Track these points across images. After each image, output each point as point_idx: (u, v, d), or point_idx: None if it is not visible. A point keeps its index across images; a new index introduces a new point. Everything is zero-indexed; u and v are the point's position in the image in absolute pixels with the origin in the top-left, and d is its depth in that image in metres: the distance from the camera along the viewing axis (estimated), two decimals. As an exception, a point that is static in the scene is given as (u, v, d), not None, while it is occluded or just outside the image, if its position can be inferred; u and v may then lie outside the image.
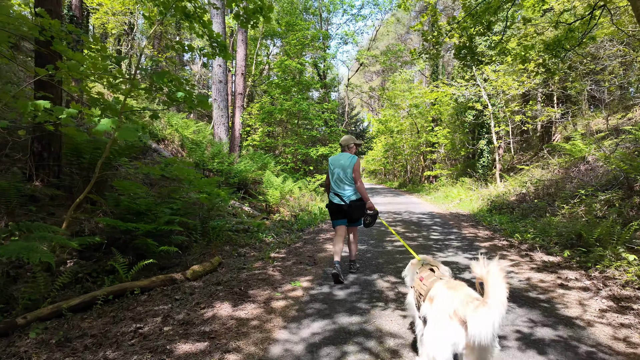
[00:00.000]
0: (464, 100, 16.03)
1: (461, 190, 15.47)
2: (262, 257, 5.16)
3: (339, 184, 4.21)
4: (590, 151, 9.30)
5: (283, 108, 15.53)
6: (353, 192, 4.18)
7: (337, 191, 4.23)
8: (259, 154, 13.51)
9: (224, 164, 9.72)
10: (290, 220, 8.81)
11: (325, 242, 6.40)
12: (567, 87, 12.99)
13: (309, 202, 11.79)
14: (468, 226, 8.14)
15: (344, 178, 4.17)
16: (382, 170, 39.30)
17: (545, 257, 4.91)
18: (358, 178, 4.15)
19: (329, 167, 4.34)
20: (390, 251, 5.50)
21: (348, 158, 4.21)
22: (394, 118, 25.93)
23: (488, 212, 10.20)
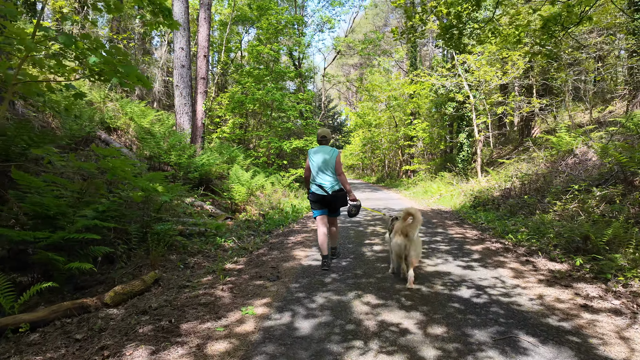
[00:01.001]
0: (444, 92, 15.43)
1: (441, 185, 14.91)
2: (214, 270, 4.19)
3: (321, 176, 4.34)
4: (578, 144, 8.81)
5: (255, 98, 14.43)
6: (335, 183, 4.34)
7: (319, 182, 4.34)
8: (226, 146, 12.40)
9: (182, 156, 8.61)
10: (258, 220, 7.84)
11: (295, 246, 5.49)
12: (549, 79, 12.57)
13: (281, 199, 10.83)
14: (453, 225, 7.44)
15: (327, 170, 4.32)
16: (360, 164, 38.70)
17: (550, 264, 4.19)
18: (341, 170, 4.35)
19: (310, 159, 4.45)
20: (369, 259, 4.65)
21: (330, 150, 4.39)
22: (372, 111, 25.21)
23: (472, 208, 9.58)
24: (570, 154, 8.99)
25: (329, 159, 4.32)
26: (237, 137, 15.59)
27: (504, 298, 3.14)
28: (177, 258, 4.70)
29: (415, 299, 3.18)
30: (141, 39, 18.82)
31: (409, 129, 20.68)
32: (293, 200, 11.58)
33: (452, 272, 3.97)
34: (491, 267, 4.12)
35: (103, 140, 9.31)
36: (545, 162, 9.47)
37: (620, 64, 10.58)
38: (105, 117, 10.13)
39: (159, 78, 18.14)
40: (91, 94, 11.03)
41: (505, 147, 19.05)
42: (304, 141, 14.52)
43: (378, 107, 26.25)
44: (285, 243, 5.76)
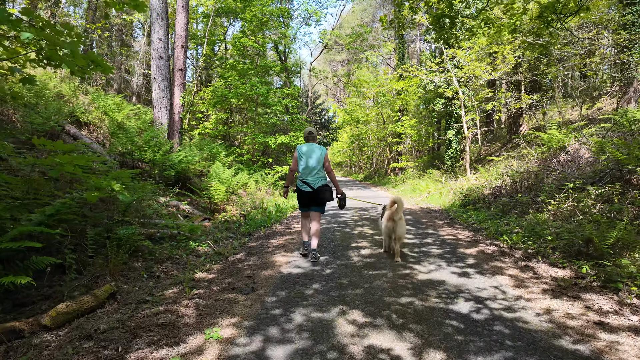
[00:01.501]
0: (432, 88, 15.14)
1: (429, 183, 14.65)
2: (181, 280, 3.71)
3: (309, 172, 4.50)
4: (570, 141, 8.58)
5: (238, 92, 13.87)
6: (321, 178, 4.54)
7: (305, 179, 4.50)
8: (208, 143, 11.84)
9: (157, 153, 8.05)
10: (238, 221, 7.36)
11: (276, 251, 5.05)
12: (538, 75, 12.38)
13: (265, 198, 10.35)
14: (443, 225, 7.10)
15: (315, 166, 4.49)
16: (348, 162, 38.38)
17: (551, 270, 3.86)
18: (330, 167, 4.62)
19: (299, 156, 4.56)
20: (356, 265, 4.24)
21: (319, 148, 4.56)
22: (360, 108, 24.85)
23: (462, 207, 9.29)
24: (562, 151, 8.77)
25: (317, 156, 4.52)
26: (220, 133, 15.00)
27: (508, 313, 2.77)
28: (143, 266, 4.21)
29: (408, 315, 2.78)
30: (120, 30, 17.99)
31: (397, 125, 20.40)
32: (277, 199, 11.12)
33: (446, 280, 3.59)
34: (489, 274, 3.76)
35: (72, 135, 8.68)
36: (536, 160, 9.24)
37: (611, 59, 10.42)
38: (75, 110, 9.48)
39: (138, 71, 17.37)
40: (61, 86, 10.35)
41: (493, 145, 18.94)
42: (290, 137, 14.04)
43: (366, 104, 25.92)
44: (265, 247, 5.31)
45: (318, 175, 4.50)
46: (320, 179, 4.50)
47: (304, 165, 4.50)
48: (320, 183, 4.49)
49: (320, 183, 4.49)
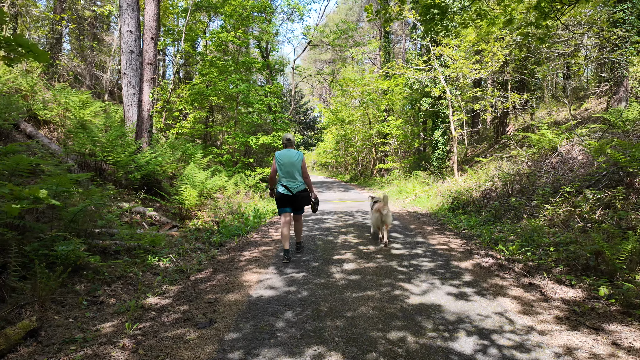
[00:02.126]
0: (419, 87, 14.75)
1: (416, 185, 14.25)
2: (126, 309, 3.08)
3: (288, 177, 4.73)
4: (562, 141, 8.25)
5: (217, 89, 13.16)
6: (300, 184, 4.78)
7: (285, 183, 4.73)
8: (182, 142, 11.10)
9: (122, 154, 7.33)
10: (211, 229, 6.71)
11: (248, 266, 4.44)
12: (526, 74, 12.11)
13: (242, 202, 9.70)
14: (433, 231, 6.62)
15: (294, 172, 4.73)
16: (334, 162, 37.88)
17: (559, 288, 3.38)
18: (306, 172, 4.84)
19: (278, 162, 4.79)
20: (338, 284, 3.67)
21: (296, 154, 4.79)
22: (345, 108, 24.37)
23: (450, 210, 8.87)
24: (554, 152, 8.43)
25: (295, 162, 4.74)
26: (197, 132, 14.23)
27: (521, 354, 2.25)
28: (85, 289, 3.54)
29: (399, 358, 2.23)
30: (91, 23, 16.97)
31: (383, 125, 19.99)
32: (258, 203, 10.49)
33: (443, 305, 3.07)
34: (490, 296, 3.26)
35: (27, 133, 7.88)
36: (527, 161, 8.89)
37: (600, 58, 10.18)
38: (32, 106, 8.65)
39: (111, 67, 16.42)
40: (19, 81, 9.47)
41: (479, 146, 18.72)
42: (272, 137, 13.40)
43: (351, 104, 25.47)
44: (236, 261, 4.69)
45: (296, 179, 4.77)
46: (299, 184, 4.78)
47: (283, 170, 4.75)
48: (299, 188, 4.77)
49: (299, 188, 4.77)
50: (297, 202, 4.75)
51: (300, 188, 4.75)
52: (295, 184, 4.73)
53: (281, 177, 4.77)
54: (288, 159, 4.73)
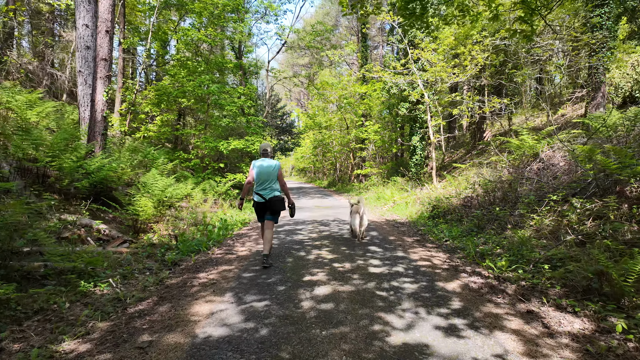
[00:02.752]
0: (397, 92, 14.45)
1: (394, 191, 13.87)
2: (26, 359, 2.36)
3: (264, 186, 4.86)
4: (543, 147, 8.00)
5: (184, 90, 12.36)
6: (274, 191, 4.88)
7: (260, 191, 4.86)
8: (145, 146, 10.23)
9: (69, 159, 6.49)
10: (168, 244, 5.96)
11: (201, 292, 3.76)
12: (504, 79, 11.99)
13: (208, 212, 8.94)
14: (414, 243, 6.13)
15: (271, 181, 4.88)
16: (312, 168, 37.32)
17: (563, 318, 2.90)
18: (283, 181, 5.01)
19: (255, 170, 4.88)
20: (306, 317, 3.06)
21: (274, 164, 4.93)
22: (323, 112, 23.91)
23: (430, 219, 8.45)
24: (535, 158, 8.18)
25: (272, 172, 4.88)
26: (164, 135, 13.33)
27: None
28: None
29: None
30: (48, 18, 15.77)
31: (361, 130, 19.63)
32: (227, 212, 9.75)
33: (431, 344, 2.51)
34: (485, 330, 2.74)
35: (-45, 136, 6.91)
36: (507, 167, 8.61)
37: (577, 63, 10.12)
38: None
39: (70, 65, 15.24)
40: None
41: (456, 151, 18.64)
42: (245, 142, 12.69)
43: (329, 108, 25.06)
44: (188, 285, 4.00)
45: (271, 187, 4.87)
46: (273, 191, 4.86)
47: (259, 180, 4.87)
48: (272, 195, 4.84)
49: (272, 195, 4.84)
50: (270, 207, 4.86)
51: (273, 195, 4.86)
52: (270, 192, 4.85)
53: (257, 186, 4.90)
54: (265, 168, 4.88)
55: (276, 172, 4.91)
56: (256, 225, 8.33)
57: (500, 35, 9.61)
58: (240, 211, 10.29)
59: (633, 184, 4.82)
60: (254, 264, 4.83)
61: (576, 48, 9.45)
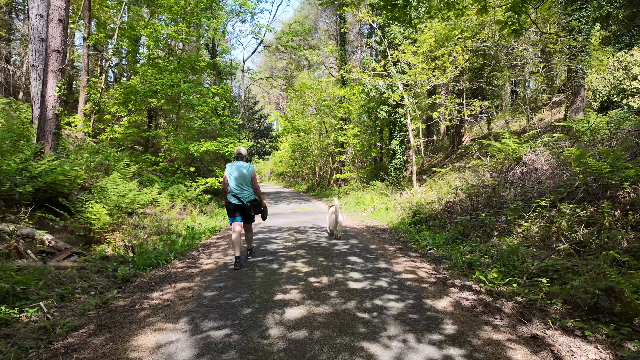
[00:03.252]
0: (376, 94, 14.15)
1: (374, 196, 13.50)
2: None
3: (239, 188, 4.95)
4: (526, 151, 7.80)
5: (153, 89, 11.60)
6: (250, 194, 5.04)
7: (236, 194, 4.93)
8: (108, 148, 9.41)
9: (11, 160, 5.71)
10: (124, 256, 5.28)
11: (151, 317, 3.17)
12: (484, 82, 11.89)
13: (176, 219, 8.25)
14: (396, 252, 5.70)
15: (244, 183, 4.98)
16: (291, 172, 36.68)
17: (573, 343, 2.50)
18: (256, 184, 5.11)
19: (228, 173, 5.00)
20: (272, 352, 2.53)
21: (247, 166, 5.04)
22: (302, 115, 23.44)
23: (412, 225, 8.08)
24: (518, 162, 7.97)
25: (245, 174, 4.97)
26: (130, 137, 12.47)
27: None
28: None
29: None
30: (6, 10, 14.61)
31: (340, 134, 19.27)
32: (196, 219, 9.06)
33: (425, 387, 2.04)
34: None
35: None
36: (490, 172, 8.37)
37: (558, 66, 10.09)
38: None
39: (27, 61, 14.13)
40: None
41: (435, 156, 18.56)
42: (218, 143, 12.02)
43: (308, 111, 24.63)
44: (137, 308, 3.39)
45: (246, 190, 4.98)
46: (249, 194, 5.00)
47: (234, 182, 4.94)
48: (249, 197, 4.99)
49: (249, 197, 4.99)
50: (247, 210, 4.96)
51: (250, 198, 4.99)
52: (246, 194, 4.95)
53: (232, 188, 4.94)
54: (239, 171, 4.96)
55: (250, 175, 5.00)
56: (226, 234, 7.71)
57: (481, 36, 9.44)
58: (211, 217, 9.62)
59: (626, 189, 4.57)
60: (218, 279, 4.25)
61: (556, 51, 9.40)
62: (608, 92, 9.22)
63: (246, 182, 4.96)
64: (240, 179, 4.93)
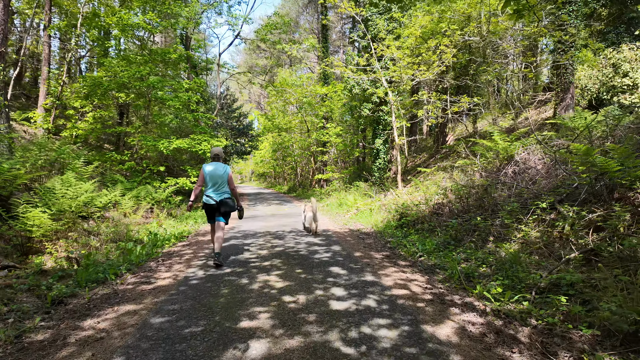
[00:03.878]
0: (359, 91, 13.60)
1: (357, 197, 12.94)
2: None
3: (214, 189, 4.99)
4: (518, 149, 7.38)
5: (120, 82, 10.66)
6: (224, 193, 5.04)
7: (210, 194, 4.97)
8: (60, 145, 8.45)
9: None
10: (67, 268, 4.47)
11: (76, 357, 2.42)
12: (469, 79, 11.51)
13: (141, 224, 7.42)
14: (384, 261, 5.10)
15: (220, 184, 5.02)
16: (272, 172, 35.78)
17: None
18: (233, 184, 5.18)
19: (205, 175, 4.99)
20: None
21: (223, 168, 5.09)
22: (282, 114, 22.68)
23: (398, 229, 7.53)
24: (509, 161, 7.53)
25: (222, 175, 5.04)
26: (93, 133, 11.44)
27: None
28: None
29: None
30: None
31: (322, 133, 18.65)
32: (164, 223, 8.25)
33: None
34: None
35: None
36: (480, 171, 7.92)
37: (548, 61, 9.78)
38: None
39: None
40: None
41: (419, 156, 18.19)
42: (190, 141, 11.17)
43: (289, 110, 23.91)
44: (59, 343, 2.63)
45: (221, 190, 5.02)
46: (223, 194, 5.02)
47: (210, 183, 4.97)
48: (222, 197, 4.99)
49: (222, 197, 4.99)
50: (220, 208, 4.96)
51: (223, 197, 5.00)
52: (219, 194, 4.98)
53: (208, 189, 4.99)
54: (215, 172, 4.99)
55: (226, 176, 5.06)
56: (194, 241, 6.94)
57: (468, 30, 9.00)
58: (180, 221, 8.81)
59: (638, 189, 4.11)
60: (174, 299, 3.53)
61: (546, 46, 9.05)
62: (597, 90, 8.94)
63: (223, 183, 5.01)
64: (217, 179, 4.97)
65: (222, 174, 5.00)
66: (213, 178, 4.95)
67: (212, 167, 5.00)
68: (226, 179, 5.04)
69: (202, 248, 6.12)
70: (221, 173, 5.00)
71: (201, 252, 5.83)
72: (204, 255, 5.52)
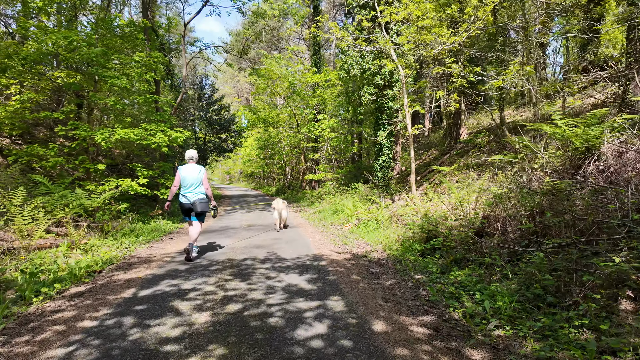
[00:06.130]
0: (358, 72, 11.08)
1: (357, 202, 10.42)
2: None
3: (189, 189, 5.26)
4: (605, 136, 4.90)
5: (43, 51, 8.00)
6: (198, 194, 5.30)
7: (186, 194, 5.26)
8: None
9: None
10: None
11: None
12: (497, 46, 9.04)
13: (43, 247, 4.78)
14: (432, 343, 2.57)
15: (195, 184, 5.28)
16: (261, 172, 33.03)
17: None
18: (207, 184, 5.44)
19: (180, 175, 5.27)
20: None
21: (198, 169, 5.36)
22: (269, 107, 20.01)
23: (429, 257, 5.03)
24: (588, 155, 5.07)
25: (197, 176, 5.31)
26: (11, 120, 8.67)
27: None
28: None
29: None
30: None
31: (313, 126, 16.08)
32: (87, 243, 5.64)
33: None
34: None
35: None
36: (544, 169, 5.45)
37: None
38: None
39: None
40: None
41: (426, 153, 15.71)
42: (141, 131, 8.51)
43: (276, 102, 21.29)
44: None
45: (196, 191, 5.28)
46: (197, 194, 5.28)
47: (185, 184, 5.25)
48: (196, 197, 5.24)
49: (196, 197, 5.24)
50: (195, 208, 5.19)
51: (196, 197, 5.23)
52: (193, 194, 5.23)
53: (183, 190, 5.25)
54: (190, 174, 5.26)
55: (201, 177, 5.33)
56: (107, 281, 4.32)
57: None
58: (114, 240, 6.21)
59: None
60: None
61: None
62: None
63: (198, 184, 5.28)
64: (192, 180, 5.24)
65: (197, 175, 5.30)
66: (188, 179, 5.24)
67: (187, 169, 5.29)
68: (201, 179, 5.34)
69: (104, 303, 3.51)
70: (196, 174, 5.30)
71: (95, 312, 3.23)
72: (92, 328, 2.92)
